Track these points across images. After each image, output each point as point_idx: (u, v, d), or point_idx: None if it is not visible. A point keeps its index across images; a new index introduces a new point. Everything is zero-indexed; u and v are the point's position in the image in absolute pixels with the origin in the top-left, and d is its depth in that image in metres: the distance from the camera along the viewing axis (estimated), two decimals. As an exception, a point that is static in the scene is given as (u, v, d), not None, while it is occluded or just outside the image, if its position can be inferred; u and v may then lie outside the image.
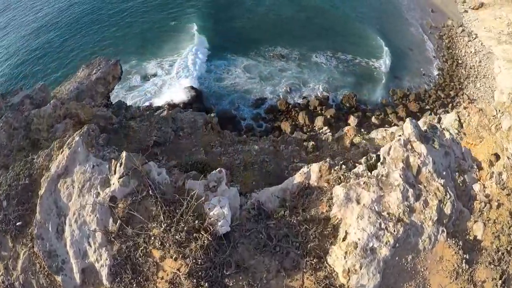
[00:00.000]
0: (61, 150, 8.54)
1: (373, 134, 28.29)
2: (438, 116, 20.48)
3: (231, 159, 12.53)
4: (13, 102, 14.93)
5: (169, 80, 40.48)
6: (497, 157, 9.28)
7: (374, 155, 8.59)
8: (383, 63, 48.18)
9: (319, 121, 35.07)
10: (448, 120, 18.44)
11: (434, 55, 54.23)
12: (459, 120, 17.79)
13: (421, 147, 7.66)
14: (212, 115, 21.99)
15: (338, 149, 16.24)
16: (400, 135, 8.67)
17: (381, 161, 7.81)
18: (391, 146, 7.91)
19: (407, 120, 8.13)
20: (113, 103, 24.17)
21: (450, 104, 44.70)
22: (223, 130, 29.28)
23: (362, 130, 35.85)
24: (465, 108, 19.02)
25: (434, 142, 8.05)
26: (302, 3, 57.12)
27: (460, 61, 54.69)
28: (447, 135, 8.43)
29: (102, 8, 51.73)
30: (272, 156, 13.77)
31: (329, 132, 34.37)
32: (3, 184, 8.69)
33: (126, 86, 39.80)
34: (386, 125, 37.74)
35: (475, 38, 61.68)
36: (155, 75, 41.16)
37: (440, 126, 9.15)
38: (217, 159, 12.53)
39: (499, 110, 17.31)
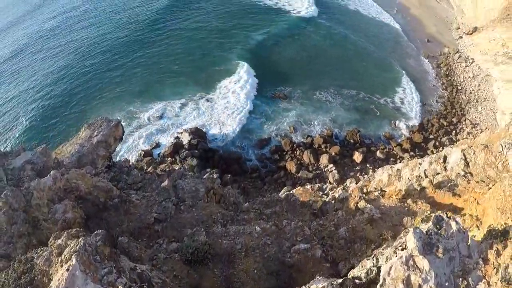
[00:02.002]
0: (59, 259, 8.51)
1: (378, 173, 28.46)
2: (443, 154, 20.59)
3: (232, 242, 12.51)
4: (14, 165, 15.10)
5: (176, 121, 41.57)
6: (505, 237, 8.94)
7: (375, 268, 8.45)
8: (385, 96, 49.03)
9: (324, 159, 35.38)
10: (454, 159, 18.60)
11: (434, 84, 55.03)
12: (465, 159, 17.95)
13: (423, 263, 7.42)
14: (215, 176, 22.27)
15: (343, 215, 16.40)
16: (402, 247, 8.22)
17: (380, 283, 7.71)
18: (392, 265, 7.70)
19: (410, 232, 7.56)
20: (115, 163, 24.78)
21: (454, 131, 44.84)
22: (227, 174, 30.48)
23: (368, 165, 36.67)
24: (470, 146, 19.30)
25: (438, 249, 7.68)
26: (303, 43, 59.48)
27: (459, 87, 55.31)
28: (454, 226, 8.24)
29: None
30: (274, 236, 13.73)
31: (335, 169, 35.05)
32: (5, 286, 8.61)
33: (134, 123, 41.28)
34: (392, 158, 38.26)
35: (472, 63, 62.68)
36: (161, 117, 42.29)
37: (447, 216, 8.72)
38: (219, 242, 12.73)
39: (505, 146, 17.60)
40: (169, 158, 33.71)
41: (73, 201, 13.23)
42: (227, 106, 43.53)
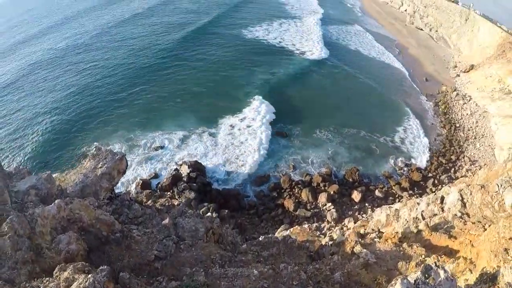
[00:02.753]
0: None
1: (376, 213, 28.78)
2: (440, 195, 20.84)
3: (230, 284, 12.64)
4: (19, 188, 15.18)
5: (176, 152, 41.87)
6: (493, 282, 9.08)
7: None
8: (385, 135, 49.57)
9: (322, 198, 35.46)
10: (451, 200, 18.63)
11: (433, 122, 55.60)
12: (462, 200, 17.93)
13: (409, 318, 6.80)
14: (214, 215, 22.58)
15: (338, 259, 16.62)
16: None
17: None
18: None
19: (398, 283, 7.67)
20: (117, 195, 25.26)
21: (452, 169, 44.83)
22: (225, 213, 30.48)
23: (366, 204, 36.81)
24: (468, 185, 19.57)
25: (425, 299, 7.27)
26: (305, 83, 61.48)
27: (457, 125, 55.89)
28: (442, 275, 8.46)
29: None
30: (271, 280, 13.98)
31: (333, 208, 35.20)
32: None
33: (133, 152, 41.62)
34: (391, 197, 38.32)
35: (469, 100, 63.69)
36: (162, 147, 42.56)
37: (435, 264, 8.82)
38: (217, 283, 12.96)
39: (501, 185, 17.91)
40: (168, 193, 33.75)
41: (76, 232, 13.44)
42: (231, 142, 44.00)
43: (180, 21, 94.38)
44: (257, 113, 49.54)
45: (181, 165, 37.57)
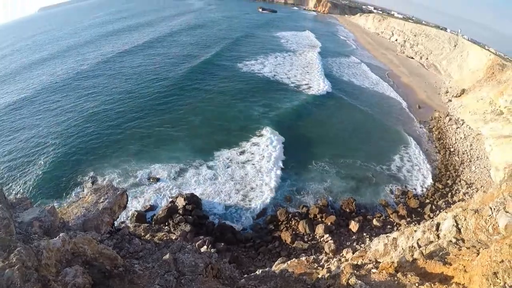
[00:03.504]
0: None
1: (374, 243, 28.87)
2: (436, 222, 21.20)
3: None
4: (23, 220, 15.56)
5: (172, 184, 41.26)
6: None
7: None
8: (381, 164, 49.96)
9: (319, 229, 35.38)
10: (446, 226, 18.82)
11: (428, 149, 56.13)
12: (457, 226, 18.17)
13: None
14: (212, 250, 22.78)
15: None
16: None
17: None
18: None
19: None
20: (117, 229, 25.64)
21: (449, 193, 44.91)
22: (223, 246, 29.89)
23: (364, 234, 36.82)
24: (464, 209, 19.94)
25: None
26: (301, 116, 62.47)
27: (452, 149, 56.45)
28: None
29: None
30: None
31: (331, 239, 35.22)
32: None
33: (128, 182, 41.10)
34: (389, 226, 38.26)
35: (462, 124, 64.61)
36: (158, 179, 41.94)
37: None
38: None
39: (494, 208, 18.33)
40: (166, 227, 33.53)
41: (81, 266, 13.83)
42: (229, 176, 43.56)
43: (180, 55, 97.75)
44: (256, 147, 49.82)
45: (176, 197, 37.31)
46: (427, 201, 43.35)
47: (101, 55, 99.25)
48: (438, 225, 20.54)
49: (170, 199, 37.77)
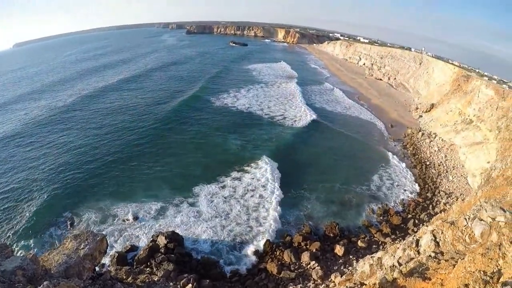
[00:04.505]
0: None
1: (360, 265, 28.78)
2: (415, 239, 21.46)
3: None
4: (6, 268, 15.28)
5: (153, 223, 40.28)
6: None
7: None
8: (360, 185, 50.32)
9: (305, 257, 34.98)
10: (425, 241, 19.51)
11: (404, 165, 57.03)
12: (435, 239, 18.87)
13: None
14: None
15: None
16: None
17: None
18: None
19: None
20: (99, 274, 25.10)
21: (430, 205, 45.37)
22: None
23: (351, 257, 36.63)
24: (444, 220, 20.23)
25: None
26: (283, 147, 62.46)
27: (428, 162, 57.51)
28: None
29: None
30: None
31: (318, 266, 34.91)
32: None
33: (107, 223, 40.18)
34: (374, 245, 38.18)
35: (435, 137, 66.22)
36: (137, 218, 40.97)
37: None
38: None
39: (469, 218, 18.73)
40: (147, 269, 32.58)
41: None
42: (211, 211, 42.77)
43: (157, 93, 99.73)
44: (238, 182, 49.60)
45: (157, 236, 36.31)
46: (409, 216, 43.67)
47: (76, 93, 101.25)
48: (417, 241, 20.91)
49: (151, 238, 36.93)
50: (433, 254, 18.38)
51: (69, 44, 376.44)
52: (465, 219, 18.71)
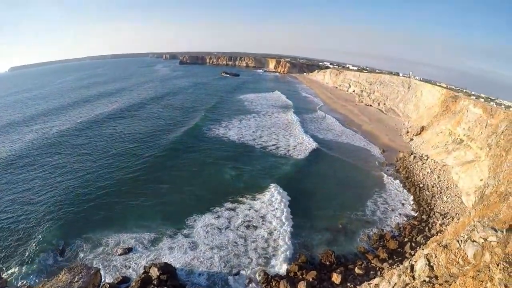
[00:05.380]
0: None
1: (357, 294, 28.27)
2: (410, 264, 21.20)
3: None
4: None
5: (145, 255, 39.11)
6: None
7: None
8: (354, 211, 49.91)
9: (302, 287, 34.30)
10: (420, 266, 19.25)
11: (397, 189, 56.92)
12: (429, 264, 18.64)
13: None
14: None
15: None
16: None
17: None
18: None
19: None
20: None
21: (426, 227, 45.07)
22: None
23: (348, 284, 35.92)
24: (439, 243, 20.07)
25: None
26: (274, 175, 61.88)
27: (421, 185, 57.50)
28: None
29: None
30: None
31: (315, 295, 34.15)
32: None
33: (96, 252, 39.17)
34: (372, 271, 37.58)
35: (427, 159, 66.47)
36: (130, 249, 39.88)
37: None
38: None
39: (461, 241, 18.60)
40: None
41: None
42: (207, 242, 41.83)
43: (151, 124, 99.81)
44: (233, 212, 48.77)
45: (150, 267, 35.34)
46: (406, 239, 43.20)
47: (70, 121, 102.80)
48: (412, 266, 20.70)
49: (143, 270, 35.95)
50: (427, 279, 18.22)
51: (64, 71, 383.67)
52: (458, 241, 18.61)
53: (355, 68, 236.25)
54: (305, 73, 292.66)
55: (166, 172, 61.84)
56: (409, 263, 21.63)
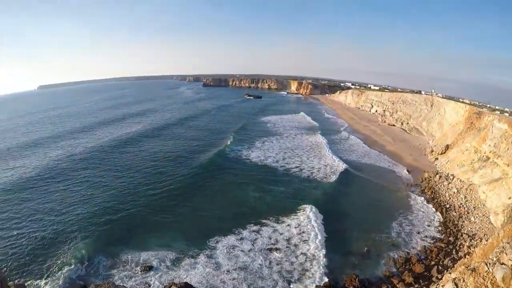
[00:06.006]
0: None
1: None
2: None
3: None
4: None
5: (166, 274, 39.08)
6: None
7: None
8: (379, 233, 49.29)
9: (326, 312, 34.32)
10: None
11: (423, 211, 55.99)
12: None
13: None
14: None
15: None
16: None
17: None
18: None
19: None
20: None
21: (454, 250, 44.02)
22: None
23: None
24: (467, 267, 20.02)
25: None
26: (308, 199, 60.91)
27: (447, 206, 56.41)
28: None
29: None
30: None
31: (340, 322, 33.78)
32: None
33: (117, 269, 39.81)
34: (397, 297, 37.12)
35: (453, 179, 65.25)
36: (151, 267, 40.09)
37: None
38: None
39: (490, 264, 18.56)
40: None
41: None
42: (231, 264, 41.40)
43: (177, 145, 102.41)
44: (257, 234, 48.53)
45: (170, 286, 35.70)
46: (433, 263, 42.26)
47: (96, 140, 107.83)
48: None
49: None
50: (456, 306, 18.07)
51: (90, 91, 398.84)
52: (486, 264, 18.51)
53: (377, 88, 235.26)
54: (327, 94, 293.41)
55: (188, 193, 62.90)
56: (436, 287, 21.46)
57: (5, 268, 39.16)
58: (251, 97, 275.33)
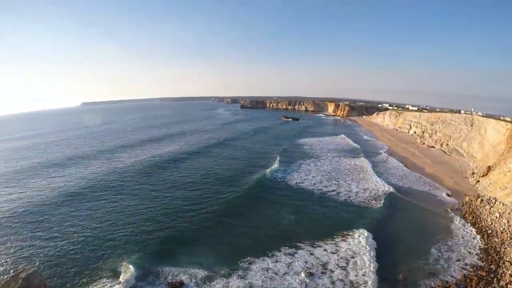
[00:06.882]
0: None
1: None
2: None
3: None
4: None
5: None
6: None
7: None
8: (417, 259, 48.09)
9: None
10: None
11: (463, 236, 54.31)
12: None
13: None
14: None
15: None
16: None
17: None
18: None
19: None
20: None
21: (495, 279, 42.48)
22: None
23: None
24: None
25: None
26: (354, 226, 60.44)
27: (489, 231, 54.46)
28: None
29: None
30: None
31: None
32: None
33: (148, 281, 41.20)
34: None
35: (495, 202, 62.89)
36: (182, 283, 40.56)
37: None
38: None
39: None
40: None
41: None
42: (262, 286, 40.75)
43: (219, 167, 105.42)
44: (292, 258, 48.00)
45: None
46: (473, 292, 40.93)
47: (134, 159, 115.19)
48: None
49: None
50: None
51: (130, 110, 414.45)
52: None
53: (415, 108, 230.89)
54: (364, 116, 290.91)
55: (221, 213, 64.32)
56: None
57: (44, 271, 42.55)
58: (289, 119, 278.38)
